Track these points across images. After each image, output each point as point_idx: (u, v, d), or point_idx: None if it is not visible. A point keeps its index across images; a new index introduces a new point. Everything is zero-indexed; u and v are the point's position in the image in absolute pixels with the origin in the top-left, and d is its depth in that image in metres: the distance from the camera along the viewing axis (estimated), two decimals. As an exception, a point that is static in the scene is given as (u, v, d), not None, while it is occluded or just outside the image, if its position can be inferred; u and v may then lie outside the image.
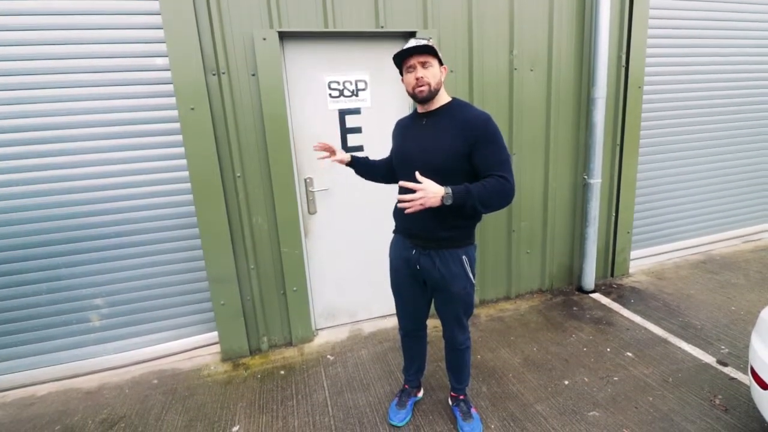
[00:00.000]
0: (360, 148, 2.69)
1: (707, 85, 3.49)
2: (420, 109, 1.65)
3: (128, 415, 2.19)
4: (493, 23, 2.73)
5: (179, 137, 2.34)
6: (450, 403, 2.08)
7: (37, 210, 2.29)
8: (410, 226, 1.68)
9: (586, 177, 3.12)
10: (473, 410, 1.99)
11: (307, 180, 2.63)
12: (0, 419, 2.21)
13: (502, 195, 1.47)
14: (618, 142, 3.22)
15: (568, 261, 3.34)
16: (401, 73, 1.60)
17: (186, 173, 2.37)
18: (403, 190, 1.51)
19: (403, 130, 1.73)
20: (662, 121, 3.41)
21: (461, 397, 2.00)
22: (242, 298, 2.59)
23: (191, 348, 2.69)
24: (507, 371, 2.37)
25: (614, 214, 3.36)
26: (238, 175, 2.43)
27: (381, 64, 2.60)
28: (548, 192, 3.12)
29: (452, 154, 1.51)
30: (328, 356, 2.61)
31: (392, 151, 1.79)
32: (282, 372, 2.49)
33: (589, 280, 3.27)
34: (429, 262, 1.66)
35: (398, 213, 1.73)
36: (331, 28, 2.40)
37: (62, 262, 2.40)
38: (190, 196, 2.42)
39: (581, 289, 3.30)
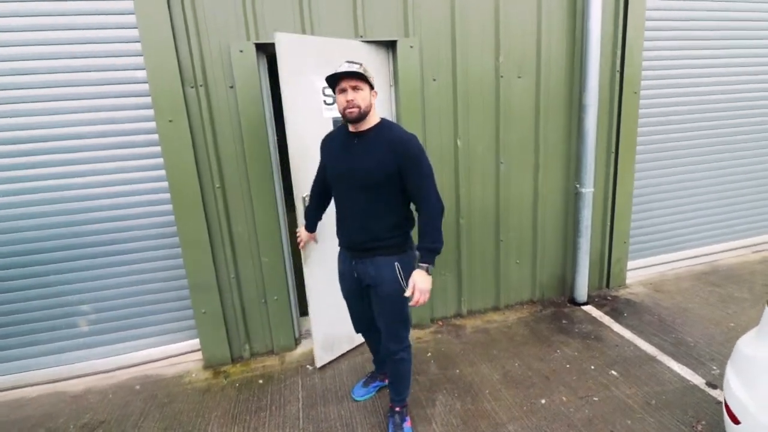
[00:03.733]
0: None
1: (710, 89, 3.33)
2: (351, 129, 1.71)
3: (108, 421, 2.25)
4: (478, 30, 2.67)
5: (159, 148, 2.37)
6: (386, 414, 2.11)
7: (29, 219, 2.36)
8: (348, 241, 1.83)
9: (578, 186, 3.03)
10: (407, 424, 2.01)
11: (305, 198, 2.29)
12: (-11, 420, 2.31)
13: (439, 219, 1.71)
14: (613, 149, 3.11)
15: (560, 271, 3.26)
16: (333, 92, 1.68)
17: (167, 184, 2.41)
18: (342, 207, 1.80)
19: (334, 147, 1.80)
20: (661, 126, 3.27)
21: (397, 408, 2.02)
22: (223, 306, 2.62)
23: (175, 354, 2.74)
24: (484, 387, 2.33)
25: (609, 223, 3.25)
26: (218, 185, 2.45)
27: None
28: (538, 201, 3.04)
29: (383, 173, 1.65)
30: (308, 366, 2.62)
31: (324, 167, 1.90)
32: (260, 381, 2.51)
33: (582, 291, 3.18)
34: (364, 268, 1.80)
35: (339, 230, 1.87)
36: (308, 39, 2.39)
37: (51, 269, 2.47)
38: (170, 206, 2.46)
39: (573, 301, 3.21)
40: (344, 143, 1.73)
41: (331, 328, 2.56)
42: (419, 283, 1.65)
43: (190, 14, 2.24)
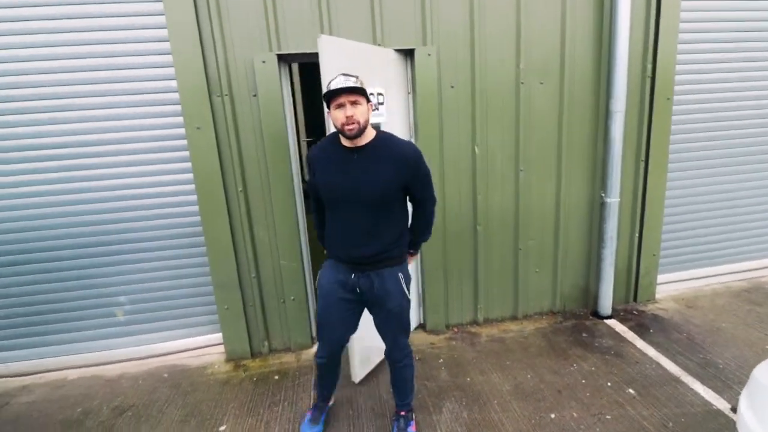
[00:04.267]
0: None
1: (748, 94, 3.11)
2: (348, 144, 1.64)
3: (136, 405, 2.44)
4: (498, 35, 2.65)
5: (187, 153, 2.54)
6: (392, 418, 2.12)
7: (73, 216, 2.60)
8: (350, 256, 1.74)
9: (603, 195, 2.93)
10: (411, 428, 2.03)
11: None
12: (35, 397, 2.56)
13: (434, 215, 1.86)
14: (643, 157, 2.98)
15: (583, 282, 3.16)
16: (328, 107, 1.61)
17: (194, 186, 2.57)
18: (341, 223, 1.72)
19: (329, 163, 1.69)
20: (697, 134, 3.10)
21: (402, 413, 2.06)
22: (244, 304, 2.76)
23: (201, 346, 2.91)
24: (493, 397, 2.32)
25: (638, 234, 3.12)
26: (240, 189, 2.59)
27: (388, 76, 2.55)
28: (560, 210, 2.97)
29: (390, 188, 1.64)
30: (322, 365, 2.70)
31: (319, 185, 1.72)
32: (276, 377, 2.62)
33: (606, 304, 3.07)
34: (368, 282, 1.75)
35: (335, 241, 1.78)
36: (328, 49, 2.47)
37: (93, 263, 2.70)
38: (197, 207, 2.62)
39: (596, 314, 3.11)
40: (342, 160, 1.65)
41: (370, 341, 2.47)
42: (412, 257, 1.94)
43: (217, 28, 2.37)
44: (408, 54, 2.62)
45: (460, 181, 2.79)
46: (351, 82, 1.53)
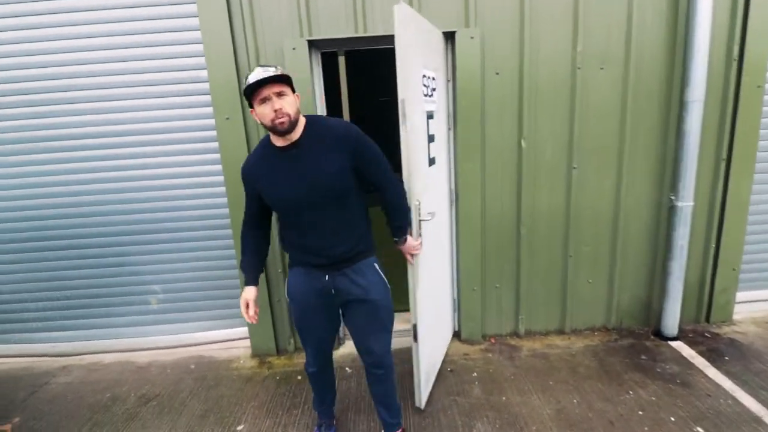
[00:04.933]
0: (433, 161, 2.27)
1: None
2: (280, 142, 1.48)
3: (161, 395, 2.44)
4: (551, 14, 2.35)
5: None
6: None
7: (111, 205, 2.65)
8: (319, 259, 1.57)
9: (672, 198, 2.54)
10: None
11: (419, 206, 1.85)
12: (72, 379, 2.64)
13: (403, 197, 1.72)
14: (724, 155, 2.55)
15: (645, 296, 2.78)
16: (251, 105, 1.44)
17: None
18: (301, 228, 1.55)
19: (271, 171, 1.50)
20: (796, 128, 2.60)
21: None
22: (270, 299, 2.68)
23: (229, 339, 2.88)
24: (532, 422, 2.06)
25: (715, 245, 2.68)
26: (268, 181, 2.50)
27: (438, 60, 2.33)
28: (619, 214, 2.61)
29: (342, 174, 1.48)
30: (347, 369, 2.57)
31: (268, 198, 1.56)
32: (299, 377, 2.53)
33: (671, 323, 2.67)
34: (345, 281, 1.60)
35: (300, 248, 1.61)
36: (361, 33, 2.31)
37: (130, 250, 2.75)
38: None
39: (659, 333, 2.72)
40: (280, 161, 1.48)
41: (433, 358, 2.35)
42: (411, 245, 1.77)
43: (247, 11, 2.29)
44: (448, 37, 2.40)
45: (503, 177, 2.53)
46: (271, 72, 1.37)
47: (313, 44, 2.36)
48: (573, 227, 2.62)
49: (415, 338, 2.00)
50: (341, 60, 7.97)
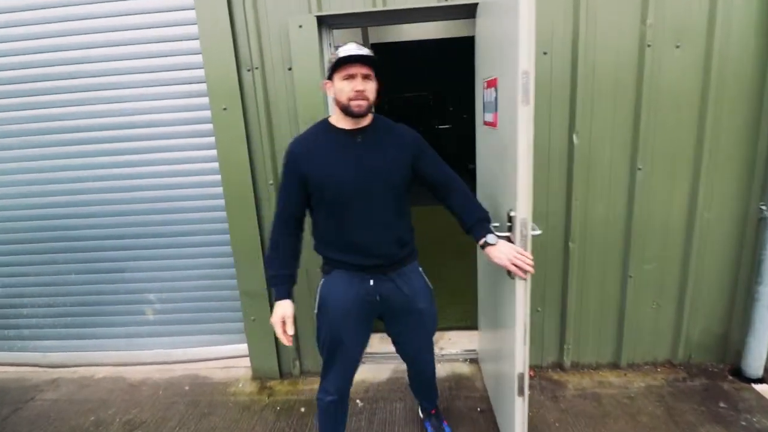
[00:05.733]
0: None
1: None
2: (346, 124, 1.41)
3: (148, 422, 2.16)
4: (617, -19, 1.90)
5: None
6: (421, 416, 2.01)
7: (106, 206, 2.41)
8: (363, 255, 1.44)
9: (763, 208, 2.03)
10: (444, 423, 1.93)
11: (514, 216, 1.45)
12: (59, 395, 2.42)
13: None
14: (835, 156, 2.02)
15: (721, 327, 2.27)
16: (329, 78, 1.37)
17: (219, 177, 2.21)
18: (348, 223, 1.41)
19: (329, 153, 1.40)
20: None
21: (432, 411, 1.94)
22: (273, 317, 2.36)
23: (228, 356, 2.59)
24: (583, 489, 1.63)
25: (817, 268, 2.14)
26: (271, 182, 2.17)
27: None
28: (694, 226, 2.13)
29: (402, 166, 1.44)
30: (357, 401, 2.21)
31: (302, 185, 1.42)
32: (303, 408, 2.19)
33: (756, 362, 2.16)
34: (391, 287, 1.49)
35: (341, 245, 1.45)
36: (380, 7, 1.94)
37: (129, 256, 2.50)
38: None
39: (739, 373, 2.22)
40: (341, 143, 1.40)
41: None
42: (514, 251, 1.40)
43: (248, -14, 1.97)
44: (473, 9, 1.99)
45: (549, 180, 2.10)
46: (366, 51, 1.33)
47: (323, 21, 2.01)
48: (635, 242, 2.15)
49: (521, 392, 1.55)
50: None
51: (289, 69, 2.04)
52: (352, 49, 1.31)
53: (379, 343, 2.46)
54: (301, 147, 1.43)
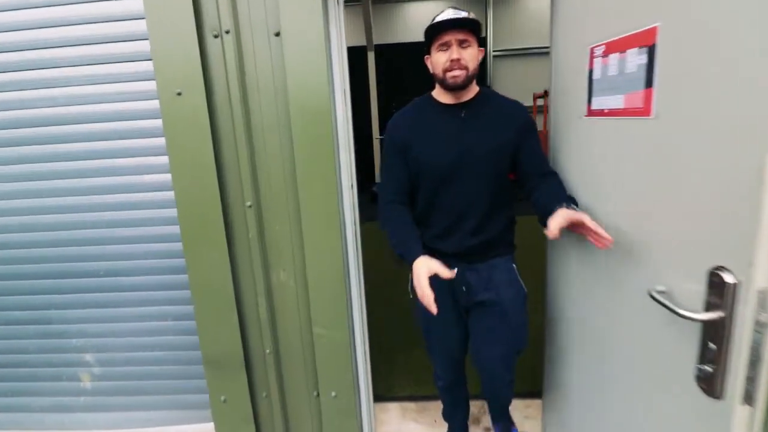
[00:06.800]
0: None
1: None
2: (447, 99, 1.34)
3: None
4: None
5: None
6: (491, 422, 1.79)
7: (21, 233, 1.72)
8: (453, 242, 1.35)
9: None
10: (513, 428, 1.75)
11: (737, 284, 0.68)
12: None
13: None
14: None
15: None
16: (428, 51, 1.31)
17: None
18: (446, 204, 1.34)
19: (431, 129, 1.33)
20: None
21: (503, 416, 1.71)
22: (253, 395, 1.65)
23: (194, 441, 1.87)
24: None
25: None
26: (249, 203, 1.48)
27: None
28: None
29: (509, 151, 1.32)
30: None
31: (420, 160, 1.33)
32: None
33: None
34: (475, 276, 1.38)
35: (433, 227, 1.37)
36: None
37: (55, 302, 1.81)
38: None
39: None
40: (441, 119, 1.33)
41: None
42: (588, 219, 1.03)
43: None
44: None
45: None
46: (463, 14, 1.24)
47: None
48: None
49: None
50: (371, 56, 7.18)
51: (276, 34, 1.37)
52: (447, 14, 1.25)
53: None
54: (402, 120, 1.39)
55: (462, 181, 1.31)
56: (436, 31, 1.24)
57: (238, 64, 1.38)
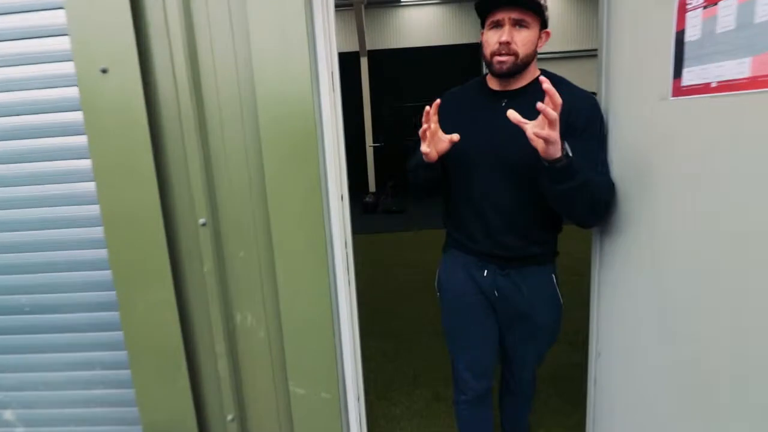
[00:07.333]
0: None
1: None
2: (496, 86, 1.19)
3: None
4: None
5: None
6: None
7: None
8: (479, 239, 1.23)
9: None
10: None
11: None
12: None
13: (607, 193, 1.06)
14: None
15: None
16: (482, 26, 1.14)
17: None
18: (475, 197, 1.21)
19: (462, 110, 1.22)
20: None
21: None
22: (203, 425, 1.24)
23: None
24: None
25: None
26: (203, 221, 1.09)
27: None
28: None
29: None
30: None
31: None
32: None
33: None
34: (510, 285, 1.24)
35: (462, 223, 1.27)
36: None
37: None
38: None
39: None
40: (484, 105, 1.19)
41: None
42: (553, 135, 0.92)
43: None
44: None
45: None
46: None
47: None
48: None
49: None
50: (363, 61, 7.04)
51: (239, -8, 1.00)
52: None
53: None
54: (450, 97, 1.26)
55: (491, 174, 1.19)
56: (488, 5, 1.08)
57: (185, 34, 1.01)
